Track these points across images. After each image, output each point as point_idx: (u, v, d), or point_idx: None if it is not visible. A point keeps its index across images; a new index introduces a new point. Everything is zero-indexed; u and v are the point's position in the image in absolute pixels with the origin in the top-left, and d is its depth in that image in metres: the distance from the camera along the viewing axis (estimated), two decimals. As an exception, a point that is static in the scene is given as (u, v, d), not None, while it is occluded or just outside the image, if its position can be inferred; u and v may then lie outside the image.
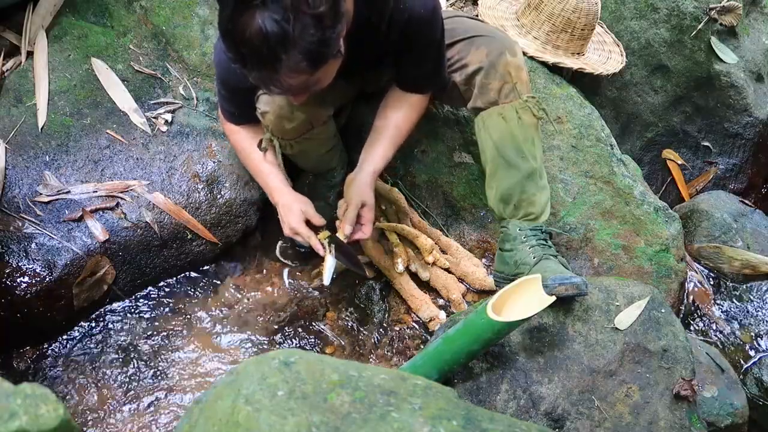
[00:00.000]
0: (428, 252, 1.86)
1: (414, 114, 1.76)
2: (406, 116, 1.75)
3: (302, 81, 1.33)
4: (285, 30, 1.20)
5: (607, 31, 2.38)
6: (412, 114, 1.76)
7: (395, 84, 1.76)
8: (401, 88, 1.75)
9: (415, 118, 1.77)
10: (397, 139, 1.75)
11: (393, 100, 1.76)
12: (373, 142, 1.75)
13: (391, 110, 1.75)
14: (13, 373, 1.65)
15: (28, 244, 1.68)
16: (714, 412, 1.76)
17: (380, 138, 1.74)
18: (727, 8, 2.41)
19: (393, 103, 1.76)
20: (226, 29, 1.26)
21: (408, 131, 1.77)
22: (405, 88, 1.75)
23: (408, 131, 1.77)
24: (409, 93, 1.75)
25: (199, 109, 1.96)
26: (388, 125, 1.74)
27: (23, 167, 1.78)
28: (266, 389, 0.97)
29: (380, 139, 1.74)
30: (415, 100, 1.75)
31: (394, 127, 1.74)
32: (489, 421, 1.01)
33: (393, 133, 1.74)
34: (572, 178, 1.98)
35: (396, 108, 1.75)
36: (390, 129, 1.74)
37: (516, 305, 1.45)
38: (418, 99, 1.76)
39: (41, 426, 0.86)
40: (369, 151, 1.75)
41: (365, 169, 1.73)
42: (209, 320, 1.80)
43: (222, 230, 1.87)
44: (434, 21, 1.61)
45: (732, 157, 2.64)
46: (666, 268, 1.93)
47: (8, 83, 1.90)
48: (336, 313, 1.85)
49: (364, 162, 1.74)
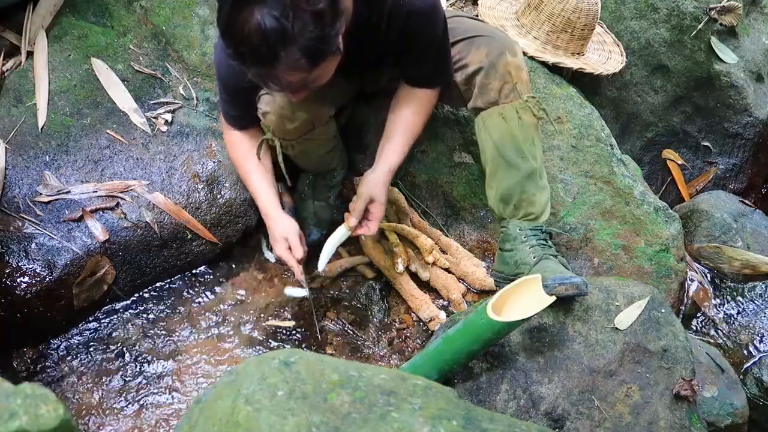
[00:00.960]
0: (428, 252, 1.86)
1: (424, 108, 1.75)
2: (417, 111, 1.74)
3: (301, 78, 1.33)
4: (284, 27, 1.20)
5: (607, 31, 2.38)
6: (422, 108, 1.75)
7: (402, 80, 1.76)
8: (408, 83, 1.75)
9: (425, 112, 1.76)
10: (410, 134, 1.75)
11: (403, 95, 1.76)
12: (387, 140, 1.75)
13: (401, 106, 1.75)
14: (13, 373, 1.65)
15: (28, 244, 1.68)
16: (714, 412, 1.76)
17: (392, 135, 1.74)
18: (727, 8, 2.41)
19: (403, 98, 1.75)
20: (224, 26, 1.26)
21: (421, 125, 1.77)
22: (410, 83, 1.75)
23: (421, 125, 1.77)
24: (418, 88, 1.74)
25: (199, 109, 1.96)
26: (399, 121, 1.74)
27: (23, 167, 1.78)
28: (266, 389, 0.97)
29: (393, 137, 1.74)
30: (424, 94, 1.75)
31: (404, 123, 1.74)
32: (489, 421, 1.01)
33: (405, 129, 1.74)
34: (572, 178, 1.98)
35: (406, 104, 1.75)
36: (401, 125, 1.74)
37: (516, 305, 1.45)
38: (427, 94, 1.75)
39: (41, 426, 0.86)
40: (383, 149, 1.75)
41: (380, 167, 1.72)
42: (209, 320, 1.80)
43: (222, 230, 1.87)
44: (434, 17, 1.60)
45: (732, 157, 2.64)
46: (666, 268, 1.93)
47: (8, 83, 1.90)
48: (336, 313, 1.85)
49: (378, 160, 1.75)
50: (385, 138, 1.76)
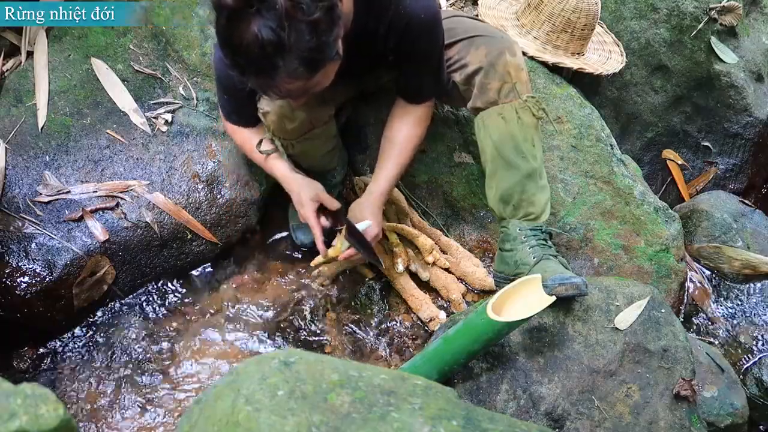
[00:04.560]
0: (428, 252, 1.86)
1: (419, 127, 1.77)
2: (411, 131, 1.75)
3: (300, 86, 1.33)
4: (280, 37, 1.20)
5: (607, 31, 2.37)
6: (417, 128, 1.76)
7: (397, 94, 1.77)
8: (403, 98, 1.76)
9: (420, 132, 1.77)
10: (402, 156, 1.76)
11: (398, 113, 1.77)
12: (380, 162, 1.77)
13: (396, 125, 1.76)
14: (13, 373, 1.65)
15: (28, 244, 1.68)
16: (714, 412, 1.76)
17: (385, 158, 1.76)
18: (727, 8, 2.41)
19: (398, 116, 1.77)
20: (222, 38, 1.26)
21: (414, 145, 1.78)
22: (407, 98, 1.75)
23: (414, 145, 1.78)
24: (413, 105, 1.75)
25: (199, 109, 1.96)
26: (393, 143, 1.76)
27: (23, 167, 1.78)
28: (266, 389, 0.97)
29: (384, 159, 1.76)
30: (420, 111, 1.75)
31: (398, 144, 1.75)
32: (489, 421, 1.01)
33: (397, 152, 1.75)
34: (572, 178, 1.98)
35: (400, 123, 1.76)
36: (395, 147, 1.75)
37: (516, 305, 1.45)
38: (422, 109, 1.76)
39: (41, 426, 0.86)
40: (376, 172, 1.77)
41: (372, 191, 1.75)
42: (209, 320, 1.80)
43: (222, 230, 1.87)
44: (435, 27, 1.61)
45: (732, 157, 2.64)
46: (666, 268, 1.93)
47: (8, 83, 1.90)
48: (336, 313, 1.85)
49: (371, 184, 1.77)
50: (379, 159, 1.77)
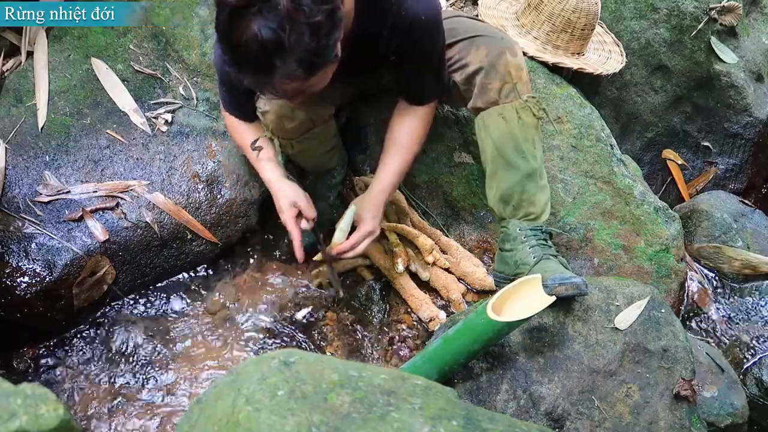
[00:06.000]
0: (428, 252, 1.86)
1: (421, 127, 1.76)
2: (413, 130, 1.75)
3: (297, 86, 1.33)
4: (280, 38, 1.20)
5: (607, 31, 2.38)
6: (419, 127, 1.76)
7: (399, 96, 1.77)
8: (405, 99, 1.76)
9: (422, 131, 1.77)
10: (405, 155, 1.76)
11: (400, 114, 1.77)
12: (382, 161, 1.77)
13: (398, 125, 1.76)
14: (13, 373, 1.65)
15: (28, 244, 1.68)
16: (714, 412, 1.76)
17: (387, 156, 1.76)
18: (727, 8, 2.41)
19: (400, 117, 1.76)
20: (222, 35, 1.27)
21: (417, 145, 1.78)
22: (409, 100, 1.75)
23: (417, 145, 1.78)
24: (414, 106, 1.75)
25: (199, 109, 1.96)
26: (395, 142, 1.76)
27: (23, 167, 1.78)
28: (266, 389, 0.97)
29: (386, 158, 1.76)
30: (421, 112, 1.75)
31: (400, 143, 1.75)
32: (489, 421, 1.01)
33: (400, 150, 1.75)
34: (572, 178, 1.98)
35: (403, 123, 1.76)
36: (397, 146, 1.75)
37: (516, 305, 1.45)
38: (424, 110, 1.76)
39: (41, 426, 0.86)
40: (378, 170, 1.77)
41: (373, 188, 1.75)
42: (209, 320, 1.80)
43: (222, 230, 1.87)
44: (436, 28, 1.61)
45: (732, 157, 2.64)
46: (666, 268, 1.93)
47: (8, 83, 1.90)
48: (336, 313, 1.85)
49: (373, 182, 1.77)
50: (381, 158, 1.77)
